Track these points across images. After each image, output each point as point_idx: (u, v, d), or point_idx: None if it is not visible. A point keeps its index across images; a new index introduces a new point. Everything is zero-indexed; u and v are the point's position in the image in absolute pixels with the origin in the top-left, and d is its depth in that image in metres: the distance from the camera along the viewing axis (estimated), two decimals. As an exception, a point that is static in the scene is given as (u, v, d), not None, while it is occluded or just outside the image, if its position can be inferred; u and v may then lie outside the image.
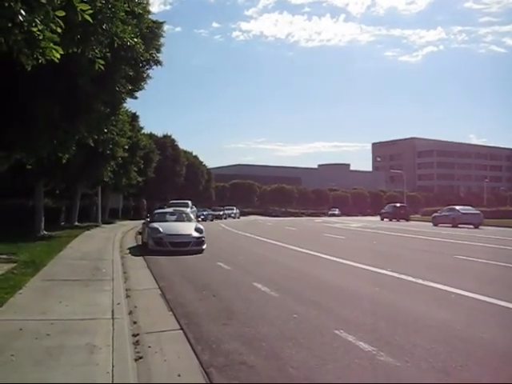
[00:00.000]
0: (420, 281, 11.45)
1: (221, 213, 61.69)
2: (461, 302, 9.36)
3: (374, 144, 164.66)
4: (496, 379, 5.20)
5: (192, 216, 22.97)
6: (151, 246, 17.96)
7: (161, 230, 18.20)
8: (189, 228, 19.00)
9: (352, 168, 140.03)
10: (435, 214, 46.68)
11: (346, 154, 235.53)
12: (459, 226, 40.09)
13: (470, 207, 45.78)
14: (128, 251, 18.20)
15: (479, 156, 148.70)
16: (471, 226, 40.14)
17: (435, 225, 43.62)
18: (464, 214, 42.04)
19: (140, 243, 21.20)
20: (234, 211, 61.66)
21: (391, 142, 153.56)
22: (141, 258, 16.36)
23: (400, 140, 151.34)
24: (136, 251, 18.24)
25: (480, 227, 39.71)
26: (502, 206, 73.28)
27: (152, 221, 19.74)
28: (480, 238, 27.99)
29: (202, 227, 19.26)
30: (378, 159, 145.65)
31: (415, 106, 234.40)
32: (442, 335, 6.92)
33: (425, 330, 7.19)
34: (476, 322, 7.84)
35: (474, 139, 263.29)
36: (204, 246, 18.34)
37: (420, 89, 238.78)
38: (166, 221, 20.28)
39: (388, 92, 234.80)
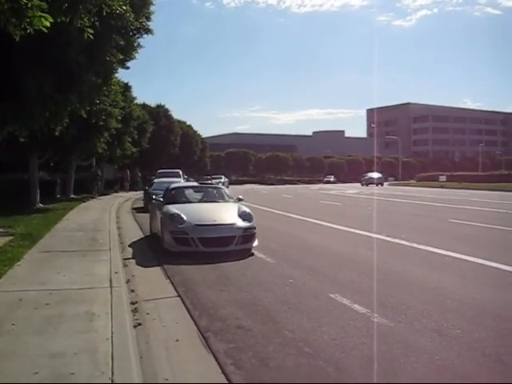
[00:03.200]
0: (415, 244, 11.58)
1: (208, 182, 60.35)
2: (455, 265, 9.50)
3: (368, 110, 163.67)
4: (486, 337, 5.32)
5: (227, 192, 13.81)
6: (169, 245, 10.66)
7: (184, 217, 10.71)
8: (229, 213, 11.31)
9: (347, 135, 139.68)
10: (363, 179, 68.91)
11: (340, 121, 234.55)
12: (369, 185, 62.85)
13: (379, 173, 69.57)
14: (131, 252, 11.08)
15: (474, 120, 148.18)
16: (380, 185, 62.88)
17: (362, 185, 64.63)
18: (369, 177, 67.38)
19: (147, 233, 13.99)
20: (222, 180, 56.74)
21: (386, 107, 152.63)
22: (135, 224, 16.42)
23: (395, 106, 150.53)
24: (144, 253, 11.06)
25: (385, 184, 66.00)
26: (496, 170, 73.47)
27: (168, 201, 12.10)
28: (471, 201, 28.13)
29: (249, 211, 11.48)
30: (373, 125, 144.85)
31: (410, 71, 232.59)
32: (435, 296, 7.05)
33: (418, 291, 7.33)
34: (469, 283, 7.98)
35: (469, 103, 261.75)
36: (255, 243, 10.87)
37: (414, 53, 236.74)
38: (189, 201, 12.72)
39: (382, 57, 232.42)
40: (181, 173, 34.40)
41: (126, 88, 34.72)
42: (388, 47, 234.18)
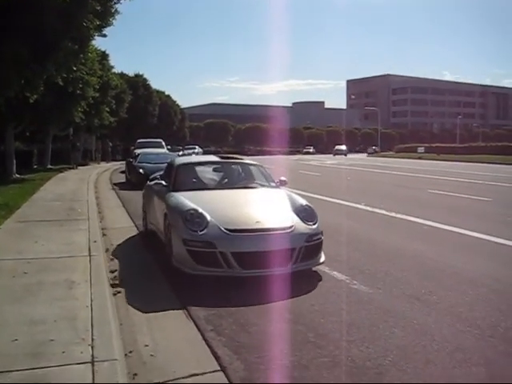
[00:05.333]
0: (393, 214, 11.69)
1: (179, 153, 59.07)
2: (432, 233, 9.62)
3: (348, 81, 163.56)
4: (463, 303, 5.41)
5: (266, 170, 8.77)
6: (182, 263, 6.27)
7: (206, 216, 6.40)
8: (279, 209, 7.01)
9: (326, 106, 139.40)
10: (333, 150, 76.86)
11: (320, 92, 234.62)
12: (337, 155, 70.03)
13: (343, 146, 77.19)
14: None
15: (453, 93, 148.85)
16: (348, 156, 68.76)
17: (333, 156, 69.99)
18: (339, 149, 75.81)
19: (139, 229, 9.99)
20: (196, 150, 54.40)
21: (366, 79, 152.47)
22: (115, 195, 16.30)
23: (374, 77, 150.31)
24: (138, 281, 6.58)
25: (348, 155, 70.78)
26: (473, 142, 74.24)
27: (176, 187, 7.68)
28: (454, 172, 28.49)
29: (310, 204, 7.11)
30: (353, 97, 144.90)
31: (390, 42, 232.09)
32: (413, 264, 7.15)
33: (396, 259, 7.42)
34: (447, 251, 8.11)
35: (448, 76, 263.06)
36: (322, 259, 6.67)
37: (395, 25, 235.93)
38: (208, 186, 8.08)
39: (362, 28, 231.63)
40: (163, 143, 31.95)
41: (104, 56, 34.10)
42: (368, 18, 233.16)
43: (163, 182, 8.05)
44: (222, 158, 9.46)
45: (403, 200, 15.19)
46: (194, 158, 10.24)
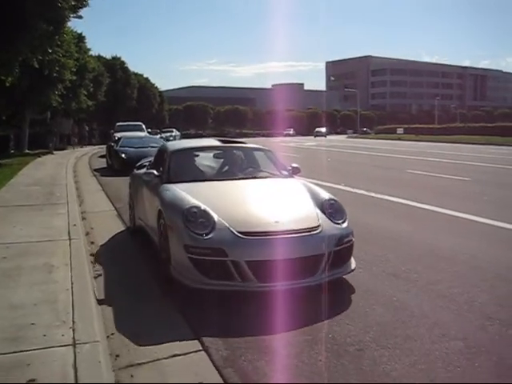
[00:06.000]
0: (373, 194, 11.78)
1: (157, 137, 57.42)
2: (411, 212, 9.73)
3: (327, 63, 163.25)
4: (441, 279, 5.50)
5: (274, 157, 7.48)
6: (184, 275, 5.02)
7: (213, 215, 5.16)
8: (300, 205, 5.72)
9: (306, 87, 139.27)
10: (314, 132, 78.13)
11: (300, 74, 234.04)
12: (317, 137, 71.12)
13: (323, 128, 77.50)
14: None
15: (431, 74, 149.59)
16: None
17: (314, 137, 70.87)
18: (318, 131, 76.51)
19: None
20: (174, 134, 51.86)
21: (345, 60, 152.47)
22: (95, 180, 16.16)
23: (354, 58, 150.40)
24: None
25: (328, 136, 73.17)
26: (451, 123, 74.92)
27: (171, 177, 6.39)
28: (431, 153, 28.75)
29: (335, 199, 5.78)
30: (332, 78, 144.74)
31: (370, 23, 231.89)
32: (392, 243, 7.23)
33: (376, 238, 7.49)
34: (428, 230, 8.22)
35: (426, 57, 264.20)
36: (353, 265, 5.49)
37: (375, 6, 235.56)
38: (210, 177, 6.69)
39: (342, 10, 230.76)
40: (143, 126, 31.18)
41: (80, 39, 33.61)
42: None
43: (154, 172, 6.65)
44: (223, 141, 7.84)
45: (382, 180, 15.30)
46: (191, 143, 8.22)
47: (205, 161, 7.30)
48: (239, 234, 4.91)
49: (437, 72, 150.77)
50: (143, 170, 7.63)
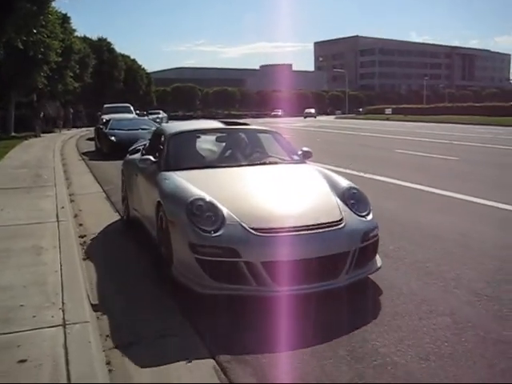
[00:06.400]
0: (361, 173, 11.81)
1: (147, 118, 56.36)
2: (398, 191, 9.78)
3: (316, 43, 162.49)
4: (429, 257, 5.55)
5: (283, 140, 6.78)
6: (188, 277, 4.40)
7: (221, 208, 4.50)
8: (319, 195, 5.07)
9: (294, 68, 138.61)
10: (304, 112, 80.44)
11: (288, 55, 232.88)
12: (307, 117, 74.23)
13: (312, 109, 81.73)
14: None
15: (420, 54, 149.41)
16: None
17: (304, 118, 73.92)
18: (308, 112, 79.68)
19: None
20: (161, 115, 49.68)
21: (334, 40, 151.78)
22: (83, 163, 16.06)
23: (342, 39, 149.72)
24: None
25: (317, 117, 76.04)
26: (440, 103, 75.07)
27: (170, 164, 5.69)
28: (417, 132, 28.84)
29: (357, 188, 5.17)
30: (321, 59, 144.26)
31: (358, 3, 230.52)
32: (380, 221, 7.26)
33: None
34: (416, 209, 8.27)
35: (415, 37, 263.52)
36: (379, 263, 4.88)
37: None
38: (213, 163, 6.00)
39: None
40: (131, 108, 30.22)
41: (65, 19, 33.16)
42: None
43: (151, 158, 5.90)
44: (227, 123, 7.11)
45: (371, 160, 15.34)
46: (190, 125, 7.38)
47: (207, 145, 6.61)
48: (253, 231, 4.27)
49: (425, 52, 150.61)
50: (137, 156, 7.03)
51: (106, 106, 29.60)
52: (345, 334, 3.78)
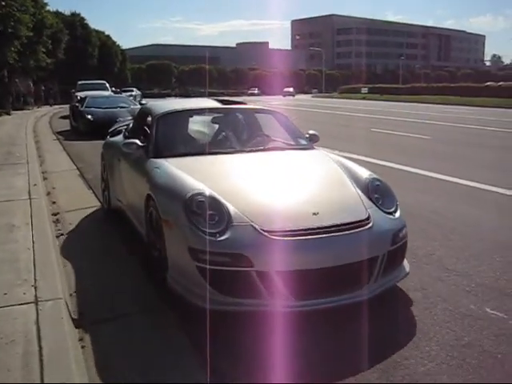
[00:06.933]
0: (336, 152, 11.81)
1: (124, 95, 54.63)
2: (374, 170, 9.85)
3: (293, 21, 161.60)
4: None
5: (288, 121, 5.94)
6: (186, 288, 3.66)
7: (227, 205, 3.73)
8: (336, 187, 4.32)
9: (271, 47, 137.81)
10: (284, 90, 78.33)
11: (265, 33, 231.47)
12: (286, 96, 73.11)
13: (291, 88, 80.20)
14: None
15: (396, 34, 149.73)
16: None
17: (284, 96, 71.96)
18: (287, 91, 77.71)
19: None
20: (134, 93, 47.05)
21: (310, 19, 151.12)
22: (57, 141, 15.82)
23: (319, 17, 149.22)
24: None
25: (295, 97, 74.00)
26: (416, 83, 75.52)
27: (160, 151, 4.87)
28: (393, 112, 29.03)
29: (379, 179, 4.46)
30: (297, 37, 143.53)
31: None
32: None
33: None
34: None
35: (390, 16, 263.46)
36: (407, 268, 4.19)
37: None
38: (209, 150, 5.00)
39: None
40: (107, 85, 28.99)
41: (36, -8, 32.27)
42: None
43: (137, 142, 5.09)
44: (222, 102, 6.08)
45: (346, 139, 15.41)
46: (181, 104, 6.37)
47: (201, 127, 5.81)
48: (266, 234, 3.52)
49: (402, 32, 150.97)
50: (119, 138, 6.33)
51: (80, 82, 28.48)
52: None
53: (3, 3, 14.84)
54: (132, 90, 48.67)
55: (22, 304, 3.61)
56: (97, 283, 4.35)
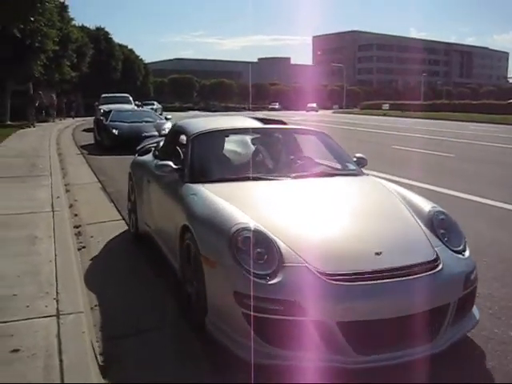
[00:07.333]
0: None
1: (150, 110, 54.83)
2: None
3: (314, 37, 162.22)
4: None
5: (334, 143, 5.34)
6: (227, 335, 3.25)
7: (279, 243, 3.26)
8: (396, 221, 3.81)
9: (293, 62, 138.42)
10: (307, 106, 78.36)
11: (286, 48, 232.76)
12: (309, 110, 74.14)
13: (314, 104, 79.89)
14: None
15: (418, 50, 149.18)
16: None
17: (307, 111, 72.66)
18: (311, 106, 77.95)
19: None
20: (155, 106, 47.80)
21: (332, 35, 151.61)
22: (80, 155, 16.01)
23: (341, 33, 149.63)
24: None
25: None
26: (437, 100, 75.09)
27: (196, 175, 4.43)
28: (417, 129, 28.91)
29: (443, 212, 3.94)
30: (319, 53, 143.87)
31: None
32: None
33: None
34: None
35: (414, 33, 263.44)
36: (477, 316, 3.62)
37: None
38: (246, 176, 4.44)
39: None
40: (130, 98, 28.72)
41: (63, 8, 32.99)
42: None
43: (171, 164, 4.59)
44: (261, 121, 5.57)
45: (367, 156, 15.32)
46: (217, 122, 5.80)
47: (239, 148, 5.36)
48: (324, 277, 3.08)
49: (423, 48, 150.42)
50: (149, 157, 5.94)
51: (103, 95, 28.40)
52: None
53: (32, 19, 15.09)
54: (153, 104, 48.95)
55: (43, 317, 3.64)
56: (119, 297, 4.36)
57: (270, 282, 3.06)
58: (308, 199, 4.08)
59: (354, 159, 5.09)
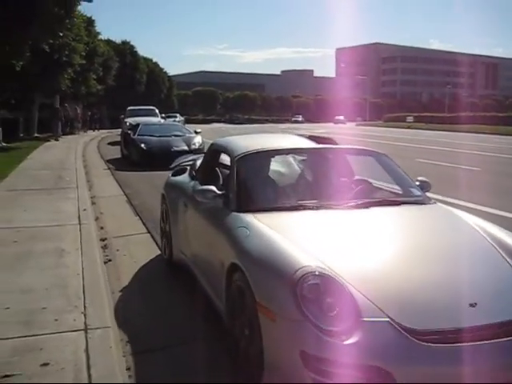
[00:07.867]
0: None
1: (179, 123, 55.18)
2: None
3: (337, 49, 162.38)
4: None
5: (394, 165, 4.76)
6: None
7: (354, 293, 2.62)
8: (483, 260, 3.17)
9: (316, 74, 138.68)
10: (335, 119, 78.28)
11: (309, 60, 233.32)
12: (337, 123, 74.06)
13: (341, 116, 79.52)
14: None
15: (442, 62, 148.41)
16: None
17: (335, 124, 72.77)
18: (338, 119, 77.86)
19: None
20: (178, 119, 46.57)
21: (355, 47, 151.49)
22: (104, 165, 16.17)
23: (364, 45, 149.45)
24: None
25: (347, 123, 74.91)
26: (462, 112, 74.39)
27: (242, 205, 3.76)
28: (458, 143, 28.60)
29: None
30: (342, 65, 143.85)
31: (379, 10, 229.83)
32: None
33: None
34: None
35: (436, 44, 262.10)
36: None
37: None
38: (301, 204, 3.80)
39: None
40: (157, 111, 27.75)
41: (90, 22, 33.53)
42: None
43: (214, 189, 3.97)
44: (312, 139, 5.07)
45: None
46: (263, 141, 5.11)
47: (288, 171, 4.76)
48: (411, 336, 2.51)
49: (448, 60, 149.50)
50: (184, 177, 5.41)
51: (129, 108, 27.57)
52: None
53: (61, 34, 15.39)
54: (175, 116, 49.08)
55: (72, 331, 3.67)
56: (146, 311, 4.38)
57: (345, 342, 2.46)
58: (379, 234, 3.41)
59: (417, 183, 4.52)
